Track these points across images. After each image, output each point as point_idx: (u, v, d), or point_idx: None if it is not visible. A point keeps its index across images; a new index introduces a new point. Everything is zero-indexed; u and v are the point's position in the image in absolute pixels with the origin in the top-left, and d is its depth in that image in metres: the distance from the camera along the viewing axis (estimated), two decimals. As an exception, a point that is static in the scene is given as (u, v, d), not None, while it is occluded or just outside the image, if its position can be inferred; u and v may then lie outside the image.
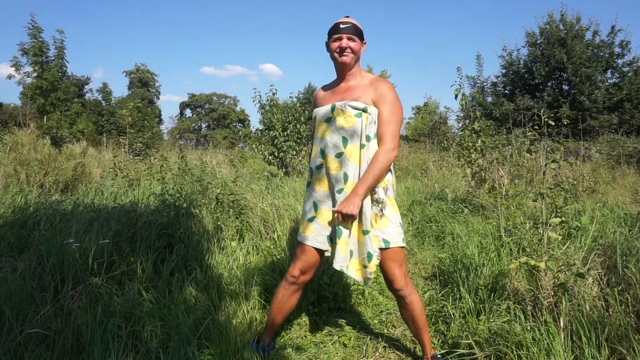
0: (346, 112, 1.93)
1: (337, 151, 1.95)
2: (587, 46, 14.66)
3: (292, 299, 2.09)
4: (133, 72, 40.27)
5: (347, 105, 1.93)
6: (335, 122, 1.96)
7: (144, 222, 2.98)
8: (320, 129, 2.02)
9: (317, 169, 2.03)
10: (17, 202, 3.46)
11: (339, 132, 1.94)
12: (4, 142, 5.70)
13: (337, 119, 1.95)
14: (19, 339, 1.84)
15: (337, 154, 1.95)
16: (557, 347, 1.77)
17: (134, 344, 1.94)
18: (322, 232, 1.98)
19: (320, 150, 2.01)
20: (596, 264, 2.34)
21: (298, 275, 2.03)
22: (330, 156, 1.96)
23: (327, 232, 1.97)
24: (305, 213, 2.06)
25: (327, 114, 2.00)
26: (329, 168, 1.97)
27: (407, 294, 1.98)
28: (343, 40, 1.95)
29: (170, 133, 44.65)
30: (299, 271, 2.03)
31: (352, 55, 1.97)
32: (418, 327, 2.05)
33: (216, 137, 42.21)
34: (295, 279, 2.04)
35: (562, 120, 4.39)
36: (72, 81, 15.74)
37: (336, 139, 1.95)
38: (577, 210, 4.13)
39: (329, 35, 2.02)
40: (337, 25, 1.97)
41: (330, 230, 1.97)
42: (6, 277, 2.19)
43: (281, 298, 2.08)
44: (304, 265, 2.02)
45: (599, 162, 8.44)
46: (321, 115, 2.02)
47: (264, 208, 3.76)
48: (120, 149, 8.50)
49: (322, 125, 2.02)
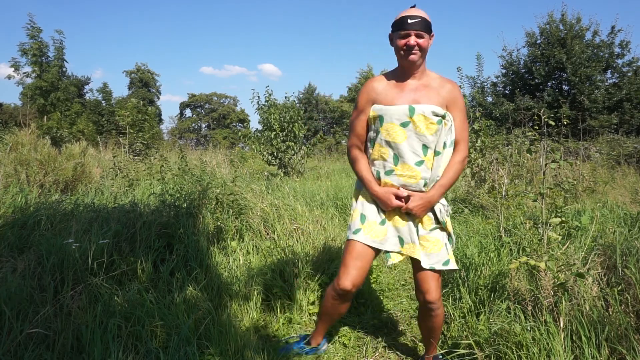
0: (429, 118, 1.78)
1: (417, 159, 1.81)
2: (587, 46, 14.66)
3: (342, 308, 2.01)
4: (133, 72, 40.25)
5: (430, 111, 1.78)
6: (415, 128, 1.79)
7: (143, 222, 2.98)
8: (393, 132, 1.82)
9: (386, 175, 1.86)
10: (17, 202, 3.45)
11: (419, 139, 1.79)
12: (5, 142, 5.70)
13: (418, 125, 1.78)
14: (19, 339, 1.84)
15: (418, 162, 1.81)
16: (557, 347, 1.77)
17: (134, 344, 1.95)
18: (395, 233, 1.89)
19: (393, 156, 1.84)
20: (596, 264, 2.34)
21: (348, 288, 1.88)
22: (408, 164, 1.81)
23: (398, 232, 1.88)
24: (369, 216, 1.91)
25: (404, 117, 1.80)
26: (404, 175, 1.82)
27: (437, 307, 1.89)
28: (411, 37, 1.76)
29: (170, 133, 44.67)
30: (349, 282, 1.88)
31: (420, 53, 1.78)
32: (433, 337, 2.02)
33: (216, 137, 42.16)
34: (346, 292, 1.90)
35: (562, 120, 4.39)
36: (72, 81, 15.75)
37: (417, 146, 1.80)
38: (577, 210, 4.12)
39: (393, 29, 1.83)
40: (404, 20, 1.76)
41: (401, 230, 1.88)
42: (6, 277, 2.18)
43: (331, 307, 2.01)
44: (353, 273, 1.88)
45: (598, 162, 8.44)
46: (395, 117, 1.81)
47: (263, 208, 3.76)
48: (120, 148, 8.50)
49: (394, 128, 1.81)
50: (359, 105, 1.93)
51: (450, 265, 1.87)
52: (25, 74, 12.41)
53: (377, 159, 1.89)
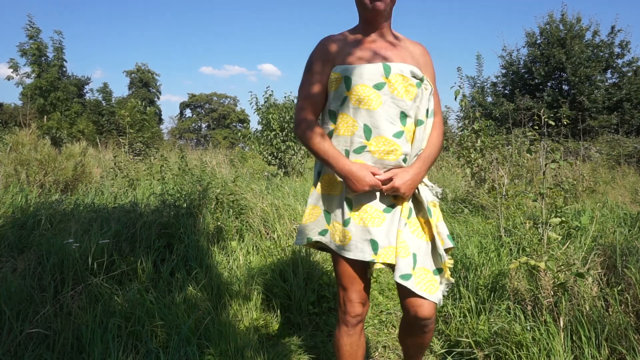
0: (408, 79, 1.46)
1: (395, 129, 1.45)
2: (586, 46, 14.67)
3: (362, 341, 1.58)
4: (134, 72, 40.25)
5: (408, 71, 1.47)
6: (392, 91, 1.45)
7: (144, 222, 2.98)
8: (365, 97, 1.44)
9: (356, 152, 1.47)
10: (17, 202, 3.45)
11: (397, 105, 1.45)
12: (5, 142, 5.70)
13: (395, 87, 1.44)
14: (19, 339, 1.84)
15: (396, 133, 1.45)
16: (557, 347, 1.77)
17: (134, 344, 1.95)
18: (363, 236, 1.44)
19: (363, 127, 1.45)
20: (596, 264, 2.34)
21: (361, 311, 1.53)
22: (385, 136, 1.44)
23: (368, 234, 1.43)
24: (334, 216, 1.51)
25: (378, 77, 1.44)
26: (378, 152, 1.45)
27: (431, 322, 1.48)
28: None
29: (170, 133, 44.68)
30: (360, 305, 1.52)
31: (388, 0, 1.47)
32: (420, 353, 1.64)
33: (216, 137, 42.19)
34: (359, 316, 1.53)
35: (562, 120, 4.39)
36: (71, 81, 15.77)
37: (393, 113, 1.45)
38: (577, 210, 4.13)
39: None
40: None
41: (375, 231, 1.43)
42: (6, 277, 2.19)
43: (349, 349, 1.55)
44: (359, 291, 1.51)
45: (598, 162, 8.44)
46: (367, 78, 1.44)
47: (264, 208, 3.76)
48: (120, 148, 8.51)
49: (367, 91, 1.44)
50: (313, 67, 1.53)
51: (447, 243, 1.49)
52: (25, 74, 12.43)
53: (340, 135, 1.49)
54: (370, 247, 1.43)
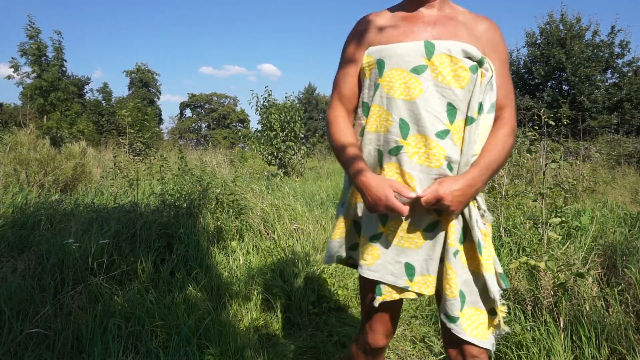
0: (458, 60, 1.14)
1: (439, 127, 1.13)
2: (586, 46, 14.69)
3: None
4: (134, 72, 40.25)
5: (459, 50, 1.14)
6: (436, 76, 1.14)
7: (144, 222, 2.98)
8: (400, 84, 1.15)
9: (391, 154, 1.17)
10: (17, 202, 3.45)
11: (442, 94, 1.14)
12: (4, 142, 5.70)
13: (440, 71, 1.14)
14: (19, 339, 1.84)
15: (440, 132, 1.13)
16: (557, 347, 1.77)
17: (134, 344, 1.95)
18: (396, 256, 1.18)
19: (399, 122, 1.15)
20: (596, 264, 2.35)
21: (384, 344, 1.29)
22: (426, 135, 1.13)
23: (403, 256, 1.18)
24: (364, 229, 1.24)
25: (418, 59, 1.15)
26: (418, 154, 1.14)
27: None
28: None
29: (170, 133, 44.70)
30: (384, 337, 1.28)
31: None
32: None
33: (216, 137, 42.20)
34: (380, 350, 1.32)
35: (562, 120, 4.39)
36: (72, 81, 15.79)
37: (437, 105, 1.14)
38: (577, 210, 4.13)
39: None
40: None
41: (411, 253, 1.18)
42: (6, 277, 2.19)
43: None
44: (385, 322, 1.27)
45: (598, 162, 8.45)
46: (403, 60, 1.15)
47: (264, 208, 3.77)
48: (120, 148, 8.52)
49: (403, 77, 1.15)
50: (347, 51, 1.28)
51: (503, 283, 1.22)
52: (25, 74, 12.45)
53: (372, 132, 1.20)
54: (404, 271, 1.18)
